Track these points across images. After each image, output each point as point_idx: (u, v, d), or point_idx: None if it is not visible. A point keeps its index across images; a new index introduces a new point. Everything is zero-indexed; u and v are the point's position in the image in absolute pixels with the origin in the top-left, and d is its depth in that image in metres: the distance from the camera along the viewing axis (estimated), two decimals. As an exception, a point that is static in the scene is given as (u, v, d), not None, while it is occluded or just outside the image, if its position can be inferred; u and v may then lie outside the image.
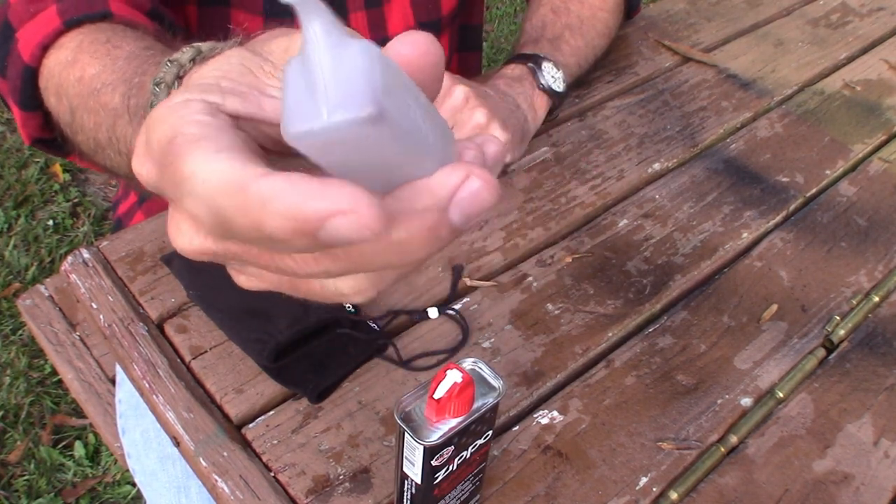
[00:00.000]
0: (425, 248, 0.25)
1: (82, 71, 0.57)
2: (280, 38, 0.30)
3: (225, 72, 0.28)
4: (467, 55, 1.06)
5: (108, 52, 0.57)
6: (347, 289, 0.26)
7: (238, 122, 0.27)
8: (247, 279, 0.29)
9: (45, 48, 0.60)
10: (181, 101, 0.26)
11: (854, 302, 0.73)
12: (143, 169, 0.26)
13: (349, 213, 0.21)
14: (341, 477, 0.56)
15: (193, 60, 0.41)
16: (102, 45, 0.57)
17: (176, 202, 0.25)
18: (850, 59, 1.08)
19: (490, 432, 0.50)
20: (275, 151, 0.28)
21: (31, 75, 0.61)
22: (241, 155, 0.23)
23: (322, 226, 0.21)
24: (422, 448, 0.46)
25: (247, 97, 0.27)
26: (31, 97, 0.62)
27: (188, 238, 0.26)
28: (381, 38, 0.89)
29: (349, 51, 0.22)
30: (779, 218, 0.82)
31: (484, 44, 2.59)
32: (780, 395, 0.64)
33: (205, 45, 0.41)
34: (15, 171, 2.00)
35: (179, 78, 0.40)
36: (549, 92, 0.83)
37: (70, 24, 0.60)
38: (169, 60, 0.39)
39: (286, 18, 0.81)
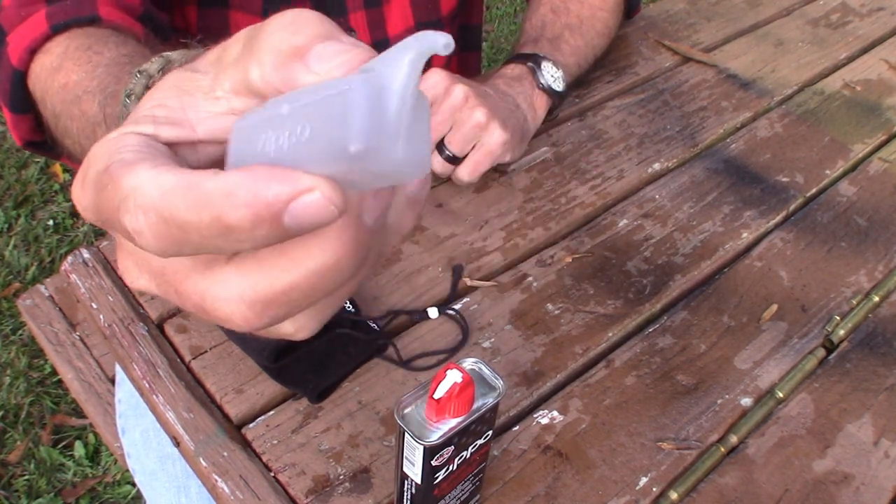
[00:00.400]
0: (354, 265, 0.25)
1: (66, 77, 0.57)
2: (216, 48, 0.29)
3: (159, 100, 0.27)
4: (467, 55, 1.06)
5: (90, 59, 0.57)
6: (290, 328, 0.27)
7: (176, 148, 0.27)
8: (196, 319, 0.30)
9: (32, 52, 0.60)
10: (115, 136, 0.26)
11: (854, 302, 0.73)
12: (81, 201, 0.26)
13: (313, 190, 0.21)
14: (341, 477, 0.56)
15: (162, 70, 0.41)
16: (85, 52, 0.58)
17: (116, 225, 0.24)
18: (850, 59, 1.08)
19: (490, 432, 0.50)
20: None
21: (20, 79, 0.61)
22: (179, 167, 0.23)
23: (287, 208, 0.21)
24: (422, 448, 0.46)
25: (180, 122, 0.27)
26: (20, 100, 0.62)
27: (134, 277, 0.27)
28: (381, 39, 0.89)
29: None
30: (779, 218, 0.82)
31: (484, 44, 2.59)
32: (780, 395, 0.64)
33: (174, 54, 0.41)
34: (15, 171, 2.00)
35: (148, 89, 0.40)
36: (548, 91, 0.83)
37: (57, 29, 0.60)
38: (138, 71, 0.39)
39: None
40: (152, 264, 0.26)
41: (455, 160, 0.76)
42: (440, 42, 0.23)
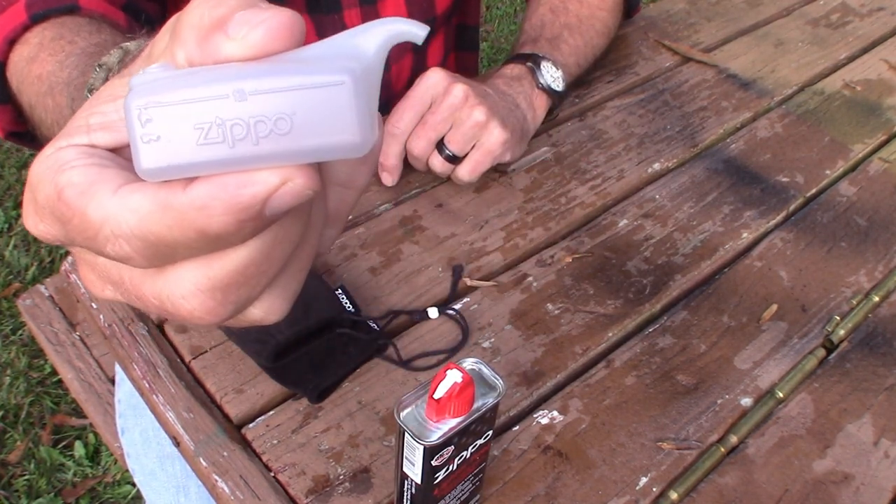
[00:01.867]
0: (299, 230, 0.24)
1: (41, 68, 0.57)
2: (148, 45, 0.28)
3: (94, 108, 0.27)
4: (464, 55, 1.06)
5: (63, 49, 0.56)
6: (260, 313, 0.26)
7: (116, 151, 0.26)
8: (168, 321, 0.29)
9: (11, 42, 0.60)
10: (51, 152, 0.25)
11: (854, 302, 0.73)
12: (40, 227, 0.25)
13: (289, 182, 0.21)
14: (341, 477, 0.56)
15: (122, 61, 0.40)
16: (58, 42, 0.57)
17: (94, 250, 0.24)
18: (850, 59, 1.08)
19: (490, 432, 0.50)
20: None
21: (0, 69, 0.61)
22: (142, 184, 0.23)
23: (268, 204, 0.21)
24: (422, 448, 0.46)
25: (114, 126, 0.26)
26: (0, 91, 0.62)
27: (99, 289, 0.27)
28: None
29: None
30: (779, 218, 0.82)
31: (484, 44, 2.59)
32: (780, 395, 0.64)
33: (132, 44, 0.40)
34: (15, 171, 2.00)
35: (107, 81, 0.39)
36: (548, 91, 0.83)
37: (36, 19, 0.60)
38: (98, 65, 0.39)
39: None
40: (111, 275, 0.26)
41: (455, 159, 0.76)
42: (415, 31, 0.23)
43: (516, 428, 0.60)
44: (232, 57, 0.22)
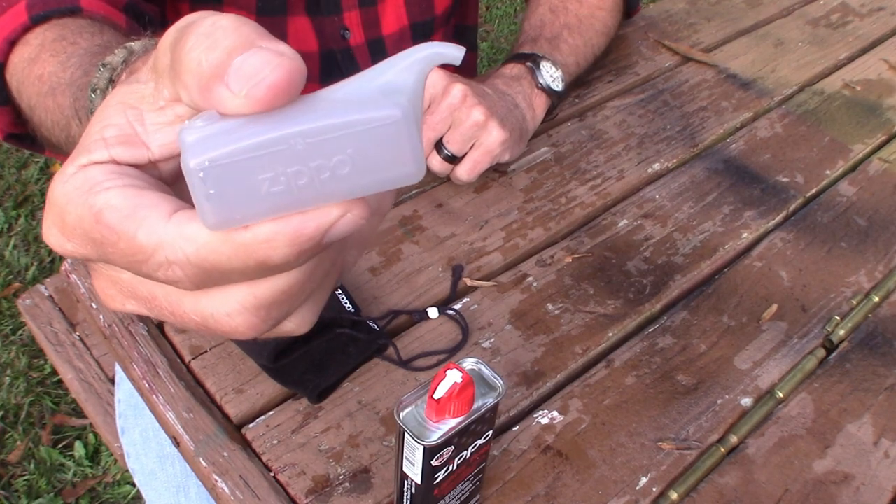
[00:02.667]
0: (339, 252, 0.26)
1: (42, 69, 0.57)
2: (151, 54, 0.28)
3: (106, 119, 0.26)
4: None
5: (65, 49, 0.56)
6: (292, 326, 0.27)
7: (140, 168, 0.26)
8: (189, 333, 0.30)
9: (12, 43, 0.60)
10: (74, 171, 0.25)
11: (854, 302, 0.73)
12: (67, 247, 0.26)
13: (347, 215, 0.22)
14: (341, 477, 0.56)
15: (126, 62, 0.40)
16: (60, 43, 0.57)
17: (137, 273, 0.25)
18: (850, 59, 1.08)
19: (490, 432, 0.50)
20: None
21: None
22: (195, 212, 0.23)
23: (327, 235, 0.22)
24: (422, 448, 0.46)
25: (131, 141, 0.26)
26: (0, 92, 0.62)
27: (119, 303, 0.27)
28: (375, 37, 0.89)
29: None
30: (779, 218, 0.82)
31: (484, 44, 2.59)
32: (780, 395, 0.64)
33: (137, 44, 0.40)
34: (15, 171, 2.00)
35: (112, 82, 0.39)
36: (547, 91, 0.83)
37: (37, 20, 0.59)
38: (102, 64, 0.39)
39: (279, 16, 0.81)
40: (139, 292, 0.26)
41: (453, 159, 0.76)
42: (451, 53, 0.23)
43: (516, 428, 0.60)
44: (240, 112, 0.22)
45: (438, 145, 0.75)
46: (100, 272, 0.27)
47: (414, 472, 0.48)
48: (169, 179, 0.27)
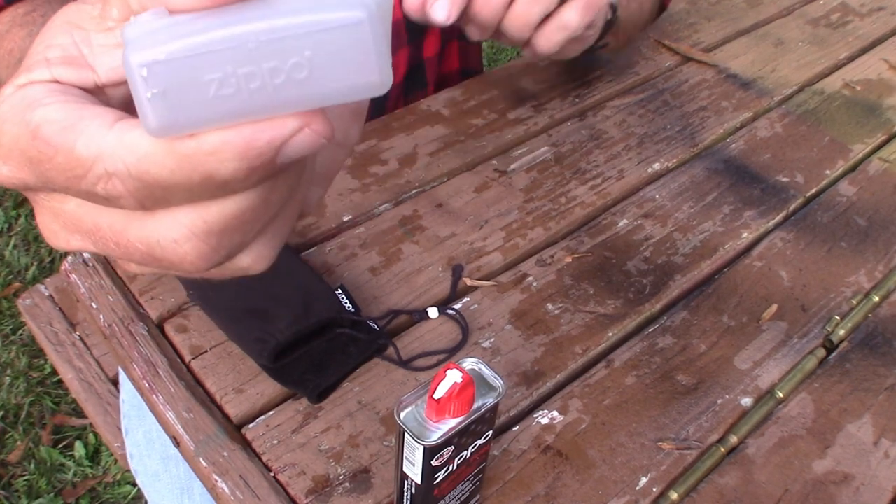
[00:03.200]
0: (299, 177, 0.24)
1: (12, 43, 0.56)
2: None
3: (49, 39, 0.25)
4: (467, 45, 1.05)
5: (34, 21, 0.56)
6: (248, 261, 0.25)
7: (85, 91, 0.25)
8: (138, 268, 0.27)
9: None
10: (11, 91, 0.24)
11: (854, 302, 0.73)
12: (3, 170, 0.24)
13: (305, 130, 0.21)
14: (341, 477, 0.56)
15: None
16: (31, 15, 0.56)
17: (73, 191, 0.23)
18: (850, 59, 1.08)
19: (490, 432, 0.50)
20: None
21: None
22: (133, 122, 0.22)
23: (281, 152, 0.21)
24: (422, 448, 0.46)
25: (76, 61, 0.24)
26: None
27: (63, 239, 0.26)
28: None
29: None
30: (779, 218, 0.82)
31: (484, 43, 2.59)
32: (780, 395, 0.64)
33: None
34: (15, 171, 2.00)
35: None
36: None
37: (10, 0, 0.59)
38: None
39: None
40: (83, 223, 0.25)
41: None
42: None
43: (516, 428, 0.60)
44: (189, 6, 0.20)
45: None
46: (41, 205, 0.26)
47: (414, 472, 0.48)
48: (118, 107, 0.24)
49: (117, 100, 0.25)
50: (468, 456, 0.49)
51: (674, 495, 0.57)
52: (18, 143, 0.23)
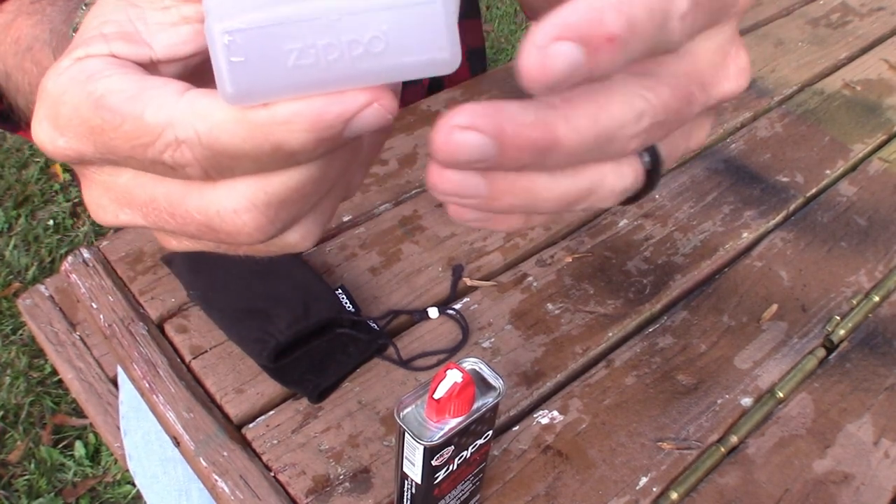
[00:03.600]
0: (356, 152, 0.24)
1: (18, 31, 0.56)
2: None
3: (104, 15, 0.25)
4: (468, 22, 1.04)
5: (42, 9, 0.55)
6: (296, 237, 0.25)
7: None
8: (179, 243, 0.27)
9: None
10: (69, 63, 0.24)
11: (854, 302, 0.73)
12: (59, 143, 0.24)
13: (374, 105, 0.21)
14: (341, 477, 0.56)
15: None
16: (37, 4, 0.56)
17: (137, 158, 0.23)
18: (850, 59, 1.08)
19: (490, 432, 0.50)
20: None
21: None
22: (212, 90, 0.22)
23: (349, 125, 0.21)
24: (422, 448, 0.46)
25: (132, 37, 0.24)
26: None
27: (112, 214, 0.25)
28: None
29: None
30: (779, 218, 0.82)
31: (484, 43, 2.59)
32: (780, 395, 0.64)
33: None
34: (15, 171, 2.00)
35: None
36: None
37: None
38: (85, 3, 0.37)
39: None
40: (136, 196, 0.25)
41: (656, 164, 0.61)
42: None
43: (516, 428, 0.60)
44: None
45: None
46: (92, 179, 0.26)
47: (414, 471, 0.48)
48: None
49: (172, 76, 0.25)
50: (468, 456, 0.49)
51: (674, 495, 0.57)
52: (79, 112, 0.23)
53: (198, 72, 0.26)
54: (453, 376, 0.45)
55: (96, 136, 0.23)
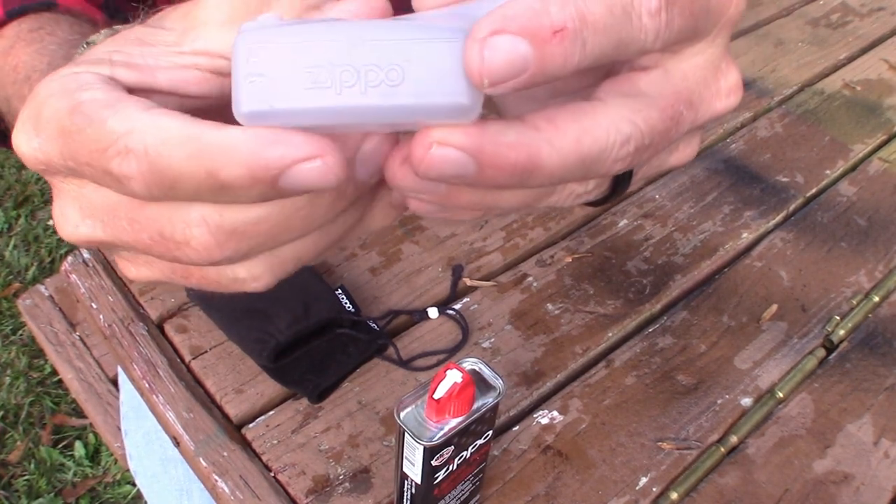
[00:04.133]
0: (331, 211, 0.23)
1: (16, 59, 0.56)
2: (183, 4, 0.26)
3: (117, 45, 0.25)
4: None
5: (42, 39, 0.56)
6: (245, 274, 0.25)
7: (134, 94, 0.25)
8: (136, 269, 0.26)
9: None
10: (67, 73, 0.24)
11: (854, 302, 0.73)
12: (33, 144, 0.24)
13: (316, 160, 0.20)
14: (341, 477, 0.56)
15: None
16: (37, 32, 0.57)
17: (92, 168, 0.22)
18: (850, 59, 1.08)
19: (490, 432, 0.50)
20: None
21: None
22: (177, 112, 0.22)
23: (285, 172, 0.20)
24: (422, 448, 0.46)
25: (140, 68, 0.25)
26: None
27: (72, 225, 0.25)
28: None
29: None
30: (779, 218, 0.82)
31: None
32: (780, 395, 0.64)
33: (123, 27, 0.39)
34: (15, 171, 2.00)
35: None
36: None
37: (12, 15, 0.59)
38: (86, 42, 0.38)
39: None
40: (99, 205, 0.24)
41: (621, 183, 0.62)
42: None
43: (516, 428, 0.60)
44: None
45: None
46: (60, 188, 0.25)
47: (414, 471, 0.48)
48: None
49: (171, 108, 0.25)
50: (468, 456, 0.49)
51: (674, 495, 0.57)
52: (57, 114, 0.23)
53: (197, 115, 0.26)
54: (453, 376, 0.45)
55: (64, 139, 0.23)
